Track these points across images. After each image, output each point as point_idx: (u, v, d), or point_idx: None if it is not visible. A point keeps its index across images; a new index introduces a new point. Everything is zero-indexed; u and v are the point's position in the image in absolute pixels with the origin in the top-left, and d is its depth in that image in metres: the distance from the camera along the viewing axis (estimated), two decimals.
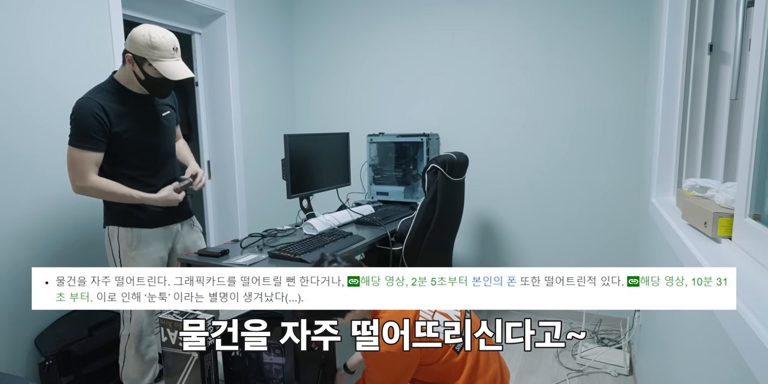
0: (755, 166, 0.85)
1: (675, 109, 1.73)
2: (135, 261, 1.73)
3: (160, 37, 1.56)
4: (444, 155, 2.25)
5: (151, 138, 1.74)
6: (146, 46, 1.54)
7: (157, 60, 1.56)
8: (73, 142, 1.58)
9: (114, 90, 1.65)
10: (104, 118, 1.58)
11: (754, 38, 0.85)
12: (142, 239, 1.74)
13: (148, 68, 1.58)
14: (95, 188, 1.60)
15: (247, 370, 1.76)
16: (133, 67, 1.60)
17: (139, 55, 1.56)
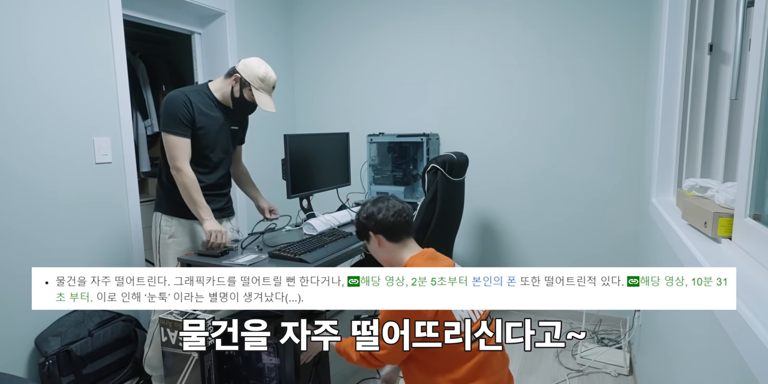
0: (755, 166, 0.85)
1: (675, 109, 1.73)
2: (169, 248, 1.89)
3: (271, 75, 1.88)
4: (444, 155, 2.25)
5: (219, 142, 1.93)
6: (257, 76, 1.85)
7: (258, 90, 1.86)
8: (169, 129, 1.79)
9: (203, 93, 1.89)
10: (190, 107, 1.80)
11: (754, 38, 0.85)
12: (179, 228, 1.91)
13: (246, 92, 1.87)
14: (188, 178, 1.79)
15: (241, 370, 1.76)
16: (235, 85, 1.87)
17: (246, 79, 1.85)
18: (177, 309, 1.64)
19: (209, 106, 1.89)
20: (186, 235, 1.93)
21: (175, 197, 1.85)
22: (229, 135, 1.99)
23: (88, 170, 2.06)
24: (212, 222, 1.83)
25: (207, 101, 1.89)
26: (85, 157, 2.05)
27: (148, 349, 1.93)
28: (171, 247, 1.90)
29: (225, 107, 1.94)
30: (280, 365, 1.68)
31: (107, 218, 2.14)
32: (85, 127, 2.05)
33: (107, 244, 2.15)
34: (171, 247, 1.90)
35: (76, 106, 2.01)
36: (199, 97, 1.86)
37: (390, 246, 1.41)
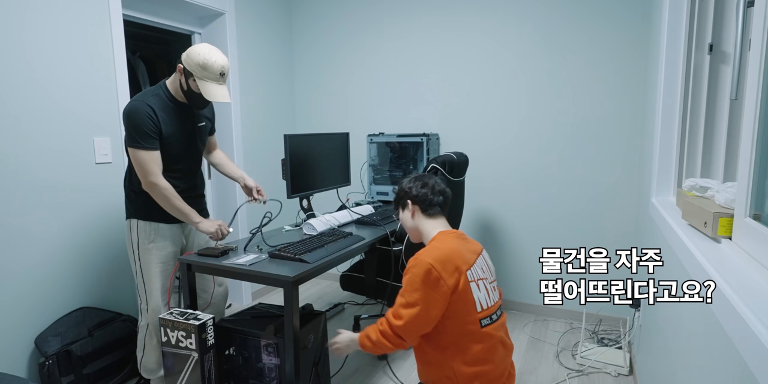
0: (755, 166, 0.85)
1: (675, 109, 1.73)
2: (151, 253, 1.83)
3: (212, 61, 1.68)
4: (444, 155, 2.25)
5: (188, 145, 1.85)
6: (198, 64, 1.67)
7: (202, 79, 1.69)
8: (136, 144, 1.69)
9: (163, 96, 1.78)
10: (155, 118, 1.71)
11: (754, 38, 0.85)
12: (159, 233, 1.84)
13: (192, 83, 1.72)
14: (166, 189, 1.73)
15: (241, 370, 1.76)
16: (181, 77, 1.74)
17: (188, 69, 1.69)
18: (176, 309, 1.64)
19: (171, 111, 1.78)
20: (166, 239, 1.86)
21: (151, 203, 1.79)
22: (198, 134, 1.90)
23: (88, 170, 2.06)
24: (205, 222, 1.83)
25: (168, 105, 1.77)
26: (85, 157, 2.05)
27: (142, 354, 1.91)
28: (153, 252, 1.83)
29: (186, 105, 1.82)
30: (280, 365, 1.68)
31: (108, 218, 2.14)
32: (86, 127, 2.05)
33: (108, 243, 2.15)
34: (153, 252, 1.83)
35: (76, 106, 2.01)
36: (160, 103, 1.75)
37: (422, 218, 1.48)
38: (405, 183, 1.52)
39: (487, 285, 1.38)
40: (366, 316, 2.80)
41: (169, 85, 1.80)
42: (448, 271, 1.28)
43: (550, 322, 2.81)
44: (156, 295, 1.84)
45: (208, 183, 3.05)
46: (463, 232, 1.51)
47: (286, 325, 1.58)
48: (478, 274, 1.36)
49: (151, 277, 1.83)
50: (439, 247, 1.36)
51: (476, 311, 1.32)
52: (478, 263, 1.39)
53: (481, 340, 1.32)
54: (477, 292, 1.33)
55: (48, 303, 1.94)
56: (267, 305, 1.97)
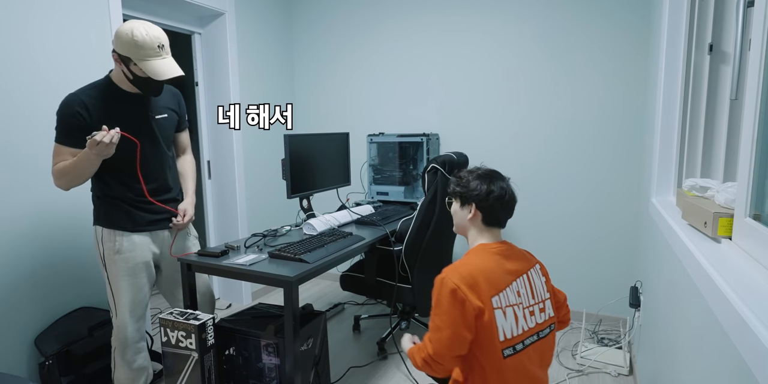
0: (755, 166, 0.85)
1: (675, 109, 1.73)
2: (116, 264, 1.67)
3: (143, 35, 1.46)
4: (444, 155, 2.25)
5: (142, 140, 1.62)
6: (130, 45, 1.46)
7: (142, 59, 1.48)
8: (55, 137, 1.56)
9: (105, 87, 1.59)
10: (85, 114, 1.52)
11: (754, 38, 0.85)
12: (125, 243, 1.67)
13: (134, 68, 1.51)
14: (55, 173, 1.55)
15: (241, 370, 1.76)
16: (121, 66, 1.53)
17: (124, 55, 1.48)
18: (177, 309, 1.64)
19: (114, 101, 1.58)
20: (133, 249, 1.68)
21: (112, 208, 1.66)
22: (155, 127, 1.68)
23: None
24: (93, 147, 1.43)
25: (111, 96, 1.58)
26: None
27: (114, 369, 1.76)
28: (119, 263, 1.67)
29: (138, 96, 1.64)
30: (280, 365, 1.68)
31: None
32: None
33: None
34: (119, 263, 1.67)
35: None
36: (99, 94, 1.57)
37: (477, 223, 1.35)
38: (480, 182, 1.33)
39: (518, 311, 1.28)
40: (366, 316, 2.81)
41: (113, 77, 1.60)
42: (474, 294, 1.20)
43: None
44: (123, 312, 1.69)
45: (207, 183, 3.05)
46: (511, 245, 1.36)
47: (286, 325, 1.58)
48: (508, 300, 1.26)
49: (119, 291, 1.68)
50: (469, 263, 1.27)
51: (498, 340, 1.23)
52: (513, 286, 1.28)
53: (499, 370, 1.24)
54: (502, 320, 1.23)
55: (48, 303, 1.94)
56: (267, 305, 1.97)
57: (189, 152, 1.96)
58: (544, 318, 1.32)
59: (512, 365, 1.24)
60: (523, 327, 1.27)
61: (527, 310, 1.29)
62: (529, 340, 1.28)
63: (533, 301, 1.31)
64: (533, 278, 1.34)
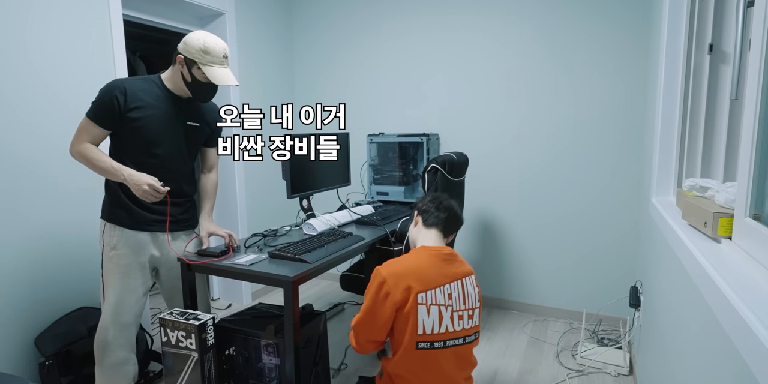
0: (755, 166, 0.85)
1: (675, 109, 1.73)
2: (112, 261, 1.65)
3: (213, 44, 1.60)
4: (444, 155, 2.25)
5: (166, 137, 1.66)
6: (199, 50, 1.59)
7: (206, 64, 1.60)
8: (87, 111, 1.59)
9: (152, 82, 1.66)
10: (122, 99, 1.56)
11: (754, 38, 0.85)
12: (123, 240, 1.65)
13: (196, 71, 1.62)
14: (82, 153, 1.57)
15: (241, 370, 1.76)
16: (182, 68, 1.63)
17: (190, 58, 1.60)
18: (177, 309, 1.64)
19: (156, 97, 1.64)
20: (128, 247, 1.66)
21: (117, 202, 1.65)
22: (184, 131, 1.72)
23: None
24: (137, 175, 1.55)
25: (154, 90, 1.64)
26: None
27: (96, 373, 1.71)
28: (113, 260, 1.65)
29: (180, 99, 1.70)
30: (280, 365, 1.68)
31: None
32: None
33: None
34: (113, 260, 1.65)
35: (77, 106, 2.01)
36: (145, 86, 1.63)
37: (421, 228, 1.58)
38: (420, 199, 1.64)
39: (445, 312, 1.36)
40: None
41: (165, 79, 1.68)
42: (399, 288, 1.33)
43: (550, 322, 2.81)
44: (107, 312, 1.65)
45: None
46: (456, 253, 1.52)
47: (286, 325, 1.58)
48: (436, 300, 1.36)
49: (108, 288, 1.66)
50: (404, 261, 1.42)
51: (416, 333, 1.34)
52: (445, 288, 1.38)
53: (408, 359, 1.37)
54: (424, 315, 1.34)
55: (48, 303, 1.94)
56: (267, 305, 1.97)
57: (215, 171, 1.95)
58: (471, 325, 1.43)
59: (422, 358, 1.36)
60: (448, 327, 1.38)
61: (456, 314, 1.39)
62: (453, 342, 1.38)
63: (464, 307, 1.41)
64: (467, 286, 1.45)
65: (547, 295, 2.89)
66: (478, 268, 3.05)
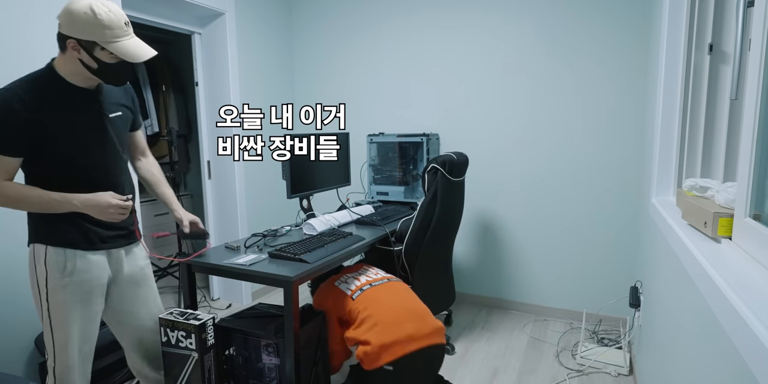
0: (755, 166, 0.85)
1: (675, 109, 1.73)
2: (66, 290, 1.35)
3: (106, 13, 1.24)
4: (444, 155, 2.25)
5: (92, 142, 1.37)
6: (94, 26, 1.23)
7: (110, 42, 1.25)
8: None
9: (47, 80, 1.31)
10: (23, 113, 1.23)
11: (754, 38, 0.85)
12: (78, 263, 1.36)
13: (100, 53, 1.27)
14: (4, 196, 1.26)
15: (241, 370, 1.76)
16: (80, 54, 1.28)
17: (86, 39, 1.24)
18: (177, 309, 1.64)
19: (60, 97, 1.31)
20: (89, 271, 1.38)
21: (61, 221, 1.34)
22: (109, 126, 1.40)
23: None
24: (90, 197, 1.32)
25: (54, 90, 1.31)
26: None
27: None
28: (69, 288, 1.35)
29: (88, 91, 1.37)
30: (280, 365, 1.68)
31: None
32: None
33: None
34: (69, 288, 1.35)
35: None
36: (41, 88, 1.29)
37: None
38: None
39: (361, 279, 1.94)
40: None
41: (59, 68, 1.33)
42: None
43: (550, 322, 2.81)
44: (71, 350, 1.38)
45: (207, 183, 3.05)
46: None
47: (286, 325, 1.58)
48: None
49: (67, 323, 1.36)
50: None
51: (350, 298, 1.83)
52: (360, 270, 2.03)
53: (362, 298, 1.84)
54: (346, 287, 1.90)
55: None
56: (267, 305, 1.97)
57: (149, 154, 1.69)
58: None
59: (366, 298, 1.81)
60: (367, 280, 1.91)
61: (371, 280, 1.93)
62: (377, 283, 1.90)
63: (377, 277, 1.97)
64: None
65: (547, 295, 2.89)
66: (478, 268, 3.05)
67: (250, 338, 1.71)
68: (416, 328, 1.71)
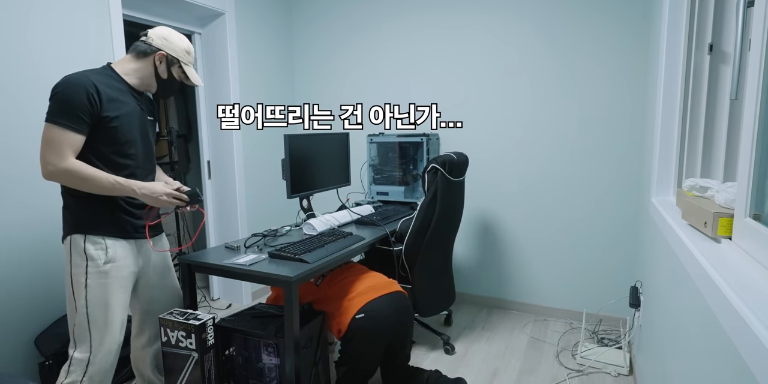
0: (755, 166, 0.85)
1: (675, 109, 1.73)
2: (109, 277, 1.45)
3: (190, 45, 1.61)
4: (444, 155, 2.25)
5: (138, 136, 1.54)
6: (184, 50, 1.57)
7: (188, 65, 1.59)
8: (55, 119, 1.34)
9: (111, 77, 1.49)
10: (96, 98, 1.39)
11: (754, 38, 0.85)
12: (118, 250, 1.48)
13: (176, 70, 1.58)
14: (72, 171, 1.35)
15: (241, 370, 1.76)
16: (160, 65, 1.55)
17: (174, 56, 1.55)
18: (177, 309, 1.64)
19: (121, 92, 1.48)
20: (127, 257, 1.51)
21: (102, 210, 1.47)
22: (148, 127, 1.60)
23: None
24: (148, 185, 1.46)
25: (116, 86, 1.48)
26: None
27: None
28: (112, 274, 1.46)
29: (138, 94, 1.56)
30: (280, 365, 1.68)
31: None
32: None
33: None
34: (112, 274, 1.46)
35: None
36: (106, 80, 1.45)
37: None
38: None
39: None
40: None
41: (124, 73, 1.52)
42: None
43: (550, 322, 2.81)
44: (115, 330, 1.48)
45: (207, 183, 3.06)
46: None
47: (286, 325, 1.58)
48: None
49: (111, 307, 1.46)
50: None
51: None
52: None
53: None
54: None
55: (48, 303, 1.94)
56: (267, 305, 1.97)
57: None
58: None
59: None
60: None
61: None
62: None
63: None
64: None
65: (547, 295, 2.89)
66: (478, 268, 3.05)
67: (250, 338, 1.71)
68: (374, 282, 1.93)
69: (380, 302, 1.83)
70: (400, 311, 1.88)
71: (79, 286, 1.44)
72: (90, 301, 1.44)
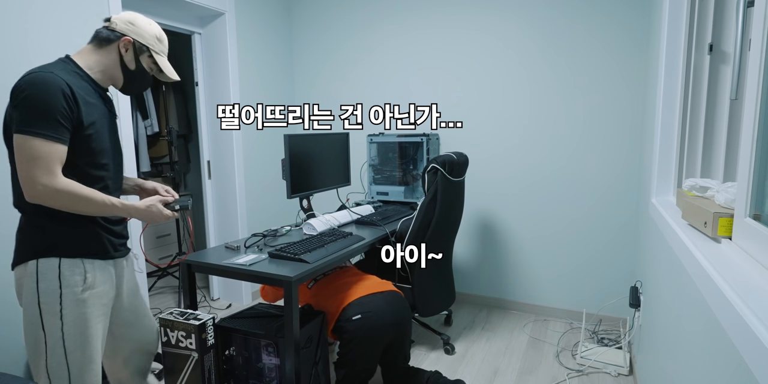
0: (755, 166, 0.85)
1: (675, 109, 1.73)
2: (87, 304, 1.24)
3: (161, 31, 1.38)
4: (444, 155, 2.25)
5: (110, 143, 1.32)
6: (154, 36, 1.34)
7: (159, 53, 1.36)
8: (33, 130, 1.12)
9: (76, 74, 1.25)
10: (72, 101, 1.18)
11: (754, 38, 0.85)
12: (97, 274, 1.28)
13: (146, 59, 1.34)
14: (67, 192, 1.16)
15: (241, 370, 1.76)
16: (125, 53, 1.31)
17: (142, 43, 1.32)
18: (177, 309, 1.64)
19: (90, 92, 1.26)
20: (107, 281, 1.31)
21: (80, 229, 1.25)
22: (115, 128, 1.37)
23: None
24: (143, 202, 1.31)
25: (85, 85, 1.25)
26: None
27: None
28: (90, 302, 1.25)
29: (103, 91, 1.34)
30: (280, 365, 1.68)
31: None
32: None
33: None
34: (90, 302, 1.25)
35: None
36: (76, 80, 1.23)
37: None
38: None
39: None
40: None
41: (84, 65, 1.29)
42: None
43: (550, 322, 2.81)
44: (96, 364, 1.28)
45: (207, 183, 3.06)
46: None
47: (286, 325, 1.58)
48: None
49: (91, 339, 1.26)
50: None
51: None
52: None
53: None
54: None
55: None
56: (267, 305, 1.97)
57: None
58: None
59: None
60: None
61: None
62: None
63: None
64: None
65: (547, 295, 2.89)
66: (478, 268, 3.05)
67: (250, 338, 1.72)
68: (369, 282, 1.97)
69: (377, 303, 1.84)
70: (398, 311, 1.87)
71: (52, 317, 1.20)
72: (67, 334, 1.21)
